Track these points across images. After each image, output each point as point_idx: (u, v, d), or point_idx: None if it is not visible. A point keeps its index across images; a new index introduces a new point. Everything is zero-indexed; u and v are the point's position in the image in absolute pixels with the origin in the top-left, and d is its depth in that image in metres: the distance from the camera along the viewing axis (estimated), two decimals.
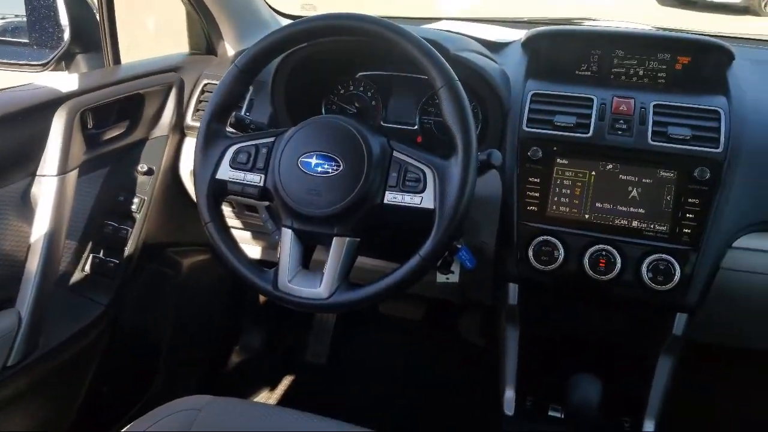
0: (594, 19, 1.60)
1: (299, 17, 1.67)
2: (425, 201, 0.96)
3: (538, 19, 1.64)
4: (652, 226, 1.13)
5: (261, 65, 1.07)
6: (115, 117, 1.34)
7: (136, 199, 1.40)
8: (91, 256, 1.39)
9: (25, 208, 1.18)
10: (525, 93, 1.22)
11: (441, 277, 1.20)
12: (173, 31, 1.59)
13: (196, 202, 1.07)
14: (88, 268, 1.40)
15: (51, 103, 1.18)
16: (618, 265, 1.13)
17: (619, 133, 1.16)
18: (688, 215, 1.12)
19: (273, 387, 1.90)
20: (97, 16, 1.38)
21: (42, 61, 1.36)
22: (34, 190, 1.18)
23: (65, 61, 1.39)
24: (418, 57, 0.97)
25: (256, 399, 1.86)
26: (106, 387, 1.52)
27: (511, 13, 1.69)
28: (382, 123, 1.38)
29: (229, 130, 1.10)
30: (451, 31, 1.38)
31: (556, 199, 1.17)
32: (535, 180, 1.18)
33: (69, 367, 1.35)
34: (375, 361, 2.02)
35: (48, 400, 1.35)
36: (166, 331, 1.65)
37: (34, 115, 1.16)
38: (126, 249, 1.40)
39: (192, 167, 1.10)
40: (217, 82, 1.08)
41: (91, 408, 1.46)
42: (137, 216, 1.41)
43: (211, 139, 1.06)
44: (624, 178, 1.15)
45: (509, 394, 1.27)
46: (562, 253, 1.16)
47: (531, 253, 1.17)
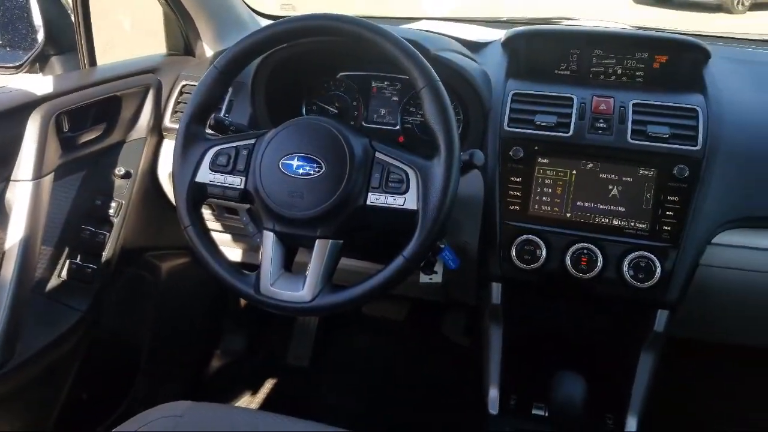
0: (572, 19, 1.61)
1: (278, 17, 1.67)
2: (408, 202, 0.96)
3: (517, 18, 1.65)
4: (633, 224, 1.14)
5: (241, 66, 1.05)
6: (92, 120, 1.32)
7: (113, 203, 1.38)
8: (67, 261, 1.37)
9: None
10: (506, 93, 1.23)
11: (424, 278, 1.20)
12: (150, 32, 1.57)
13: (175, 205, 1.06)
14: (65, 273, 1.37)
15: (25, 107, 1.16)
16: (599, 263, 1.14)
17: (599, 132, 1.16)
18: (667, 213, 1.13)
19: (255, 391, 1.89)
20: (72, 17, 1.36)
21: (15, 63, 1.34)
22: (9, 196, 1.16)
23: (39, 63, 1.37)
24: (400, 57, 0.96)
25: (238, 403, 1.84)
26: (85, 394, 1.50)
27: (492, 13, 1.70)
28: (363, 123, 1.38)
29: (209, 132, 1.09)
30: (432, 31, 1.37)
31: (537, 198, 1.18)
32: (517, 179, 1.18)
33: (47, 374, 1.33)
34: (358, 363, 2.01)
35: (26, 408, 1.33)
36: (146, 336, 1.64)
37: (7, 119, 1.14)
38: (104, 254, 1.38)
39: (171, 170, 1.09)
40: (196, 84, 1.07)
41: (70, 415, 1.44)
42: (115, 220, 1.39)
43: (190, 142, 1.05)
44: (604, 176, 1.16)
45: (493, 394, 1.27)
46: (544, 252, 1.16)
47: (514, 252, 1.17)
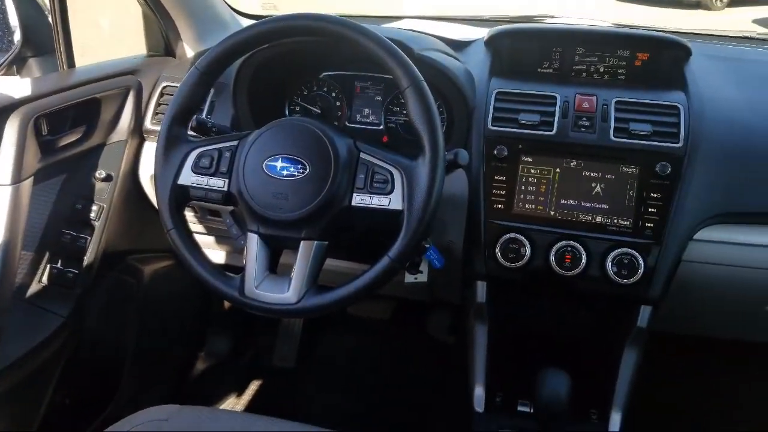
0: (554, 17, 1.61)
1: (260, 16, 1.66)
2: (393, 202, 0.96)
3: (499, 17, 1.65)
4: (616, 221, 1.15)
5: (222, 67, 1.04)
6: (71, 122, 1.31)
7: (94, 207, 1.37)
8: (48, 266, 1.36)
9: None
10: (489, 92, 1.23)
11: (409, 277, 1.20)
12: (130, 33, 1.55)
13: (157, 208, 1.05)
14: (45, 279, 1.36)
15: (2, 110, 1.14)
16: (583, 260, 1.15)
17: (582, 130, 1.17)
18: (650, 210, 1.14)
19: (241, 393, 1.88)
20: (50, 18, 1.34)
21: None
22: None
23: (16, 65, 1.35)
24: (383, 57, 0.96)
25: (223, 406, 1.83)
26: (69, 400, 1.48)
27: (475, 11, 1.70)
28: (347, 123, 1.38)
29: (191, 133, 1.08)
30: (415, 31, 1.37)
31: (522, 196, 1.18)
32: (501, 178, 1.19)
33: (29, 381, 1.32)
34: (344, 363, 2.01)
35: (9, 414, 1.31)
36: (130, 340, 1.62)
37: None
38: (85, 258, 1.36)
39: (152, 172, 1.07)
40: (177, 85, 1.06)
41: (54, 421, 1.43)
42: (96, 224, 1.37)
43: (172, 144, 1.04)
44: (588, 174, 1.16)
45: (479, 391, 1.28)
46: (528, 250, 1.17)
47: (498, 250, 1.18)
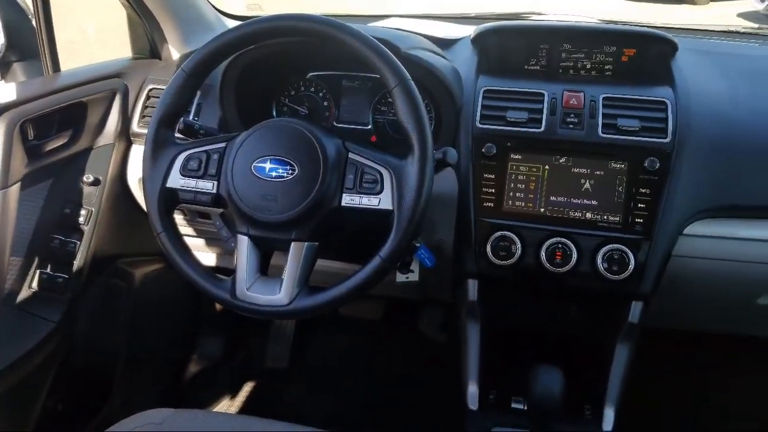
0: (540, 14, 1.61)
1: (245, 17, 1.66)
2: (383, 202, 0.96)
3: (485, 14, 1.65)
4: (606, 217, 1.15)
5: (209, 69, 1.04)
6: (57, 127, 1.30)
7: (83, 211, 1.36)
8: (38, 272, 1.35)
9: None
10: (477, 89, 1.23)
11: (401, 277, 1.20)
12: (115, 35, 1.54)
13: (146, 211, 1.04)
14: (35, 284, 1.35)
15: None
16: (574, 256, 1.15)
17: (571, 126, 1.17)
18: (639, 205, 1.14)
19: (234, 395, 1.87)
20: (33, 22, 1.33)
21: None
22: None
23: (1, 70, 1.33)
24: (370, 57, 0.96)
25: (217, 408, 1.83)
26: (61, 405, 1.47)
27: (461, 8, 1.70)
28: (335, 123, 1.37)
29: (178, 136, 1.07)
30: (401, 29, 1.37)
31: (511, 194, 1.18)
32: (491, 176, 1.19)
33: (21, 387, 1.31)
34: (336, 363, 2.01)
35: (1, 421, 1.30)
36: (122, 344, 1.61)
37: None
38: (75, 263, 1.36)
39: (141, 176, 1.07)
40: (163, 87, 1.05)
41: (46, 427, 1.41)
42: (85, 228, 1.36)
43: (160, 147, 1.03)
44: (577, 171, 1.17)
45: (472, 389, 1.28)
46: (519, 247, 1.17)
47: (489, 248, 1.18)
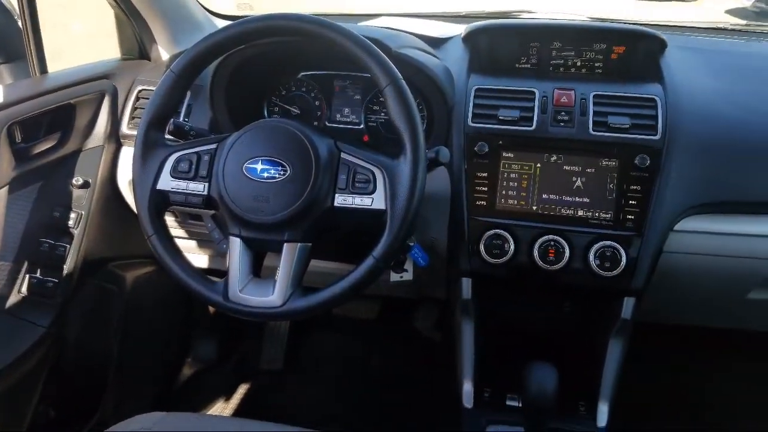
0: (531, 12, 1.61)
1: (234, 17, 1.65)
2: (376, 202, 0.96)
3: (476, 13, 1.65)
4: (597, 215, 1.16)
5: (198, 69, 1.03)
6: (46, 129, 1.29)
7: (72, 214, 1.35)
8: (27, 276, 1.34)
9: None
10: (468, 88, 1.23)
11: (395, 276, 1.20)
12: (103, 36, 1.53)
13: (136, 213, 1.04)
14: (25, 289, 1.34)
15: None
16: (566, 254, 1.15)
17: (562, 124, 1.17)
18: (630, 202, 1.14)
19: (229, 397, 1.87)
20: (19, 23, 1.31)
21: None
22: None
23: None
24: (361, 56, 0.96)
25: (212, 411, 1.82)
26: (53, 411, 1.46)
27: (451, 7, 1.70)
28: (327, 123, 1.37)
29: (168, 137, 1.07)
30: (392, 28, 1.37)
31: (504, 192, 1.18)
32: (483, 175, 1.19)
33: (11, 393, 1.30)
34: (331, 364, 2.00)
35: None
36: (114, 348, 1.60)
37: None
38: (65, 267, 1.34)
39: (131, 178, 1.06)
40: (153, 88, 1.04)
41: None
42: (75, 231, 1.35)
43: (150, 148, 1.03)
44: (568, 168, 1.17)
45: (467, 387, 1.28)
46: (512, 245, 1.17)
47: (482, 247, 1.18)
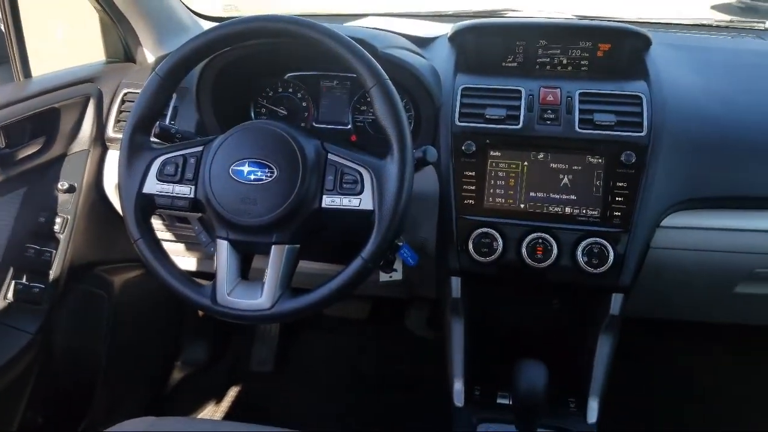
0: (516, 11, 1.62)
1: (220, 19, 1.64)
2: (364, 202, 0.96)
3: (462, 12, 1.65)
4: (585, 212, 1.16)
5: (184, 72, 1.03)
6: (30, 134, 1.28)
7: (58, 219, 1.34)
8: (13, 282, 1.33)
9: None
10: (455, 88, 1.23)
11: (384, 276, 1.20)
12: (87, 39, 1.52)
13: (123, 217, 1.03)
14: (11, 295, 1.33)
15: None
16: (554, 251, 1.16)
17: (548, 122, 1.18)
18: (617, 199, 1.15)
19: (219, 400, 1.86)
20: (2, 26, 1.30)
21: None
22: None
23: None
24: (347, 57, 0.96)
25: (203, 414, 1.81)
26: (41, 418, 1.45)
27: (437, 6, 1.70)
28: (314, 124, 1.36)
29: (154, 140, 1.06)
30: (378, 29, 1.37)
31: (492, 191, 1.19)
32: (471, 173, 1.19)
33: None
34: (323, 364, 2.00)
35: None
36: (102, 353, 1.59)
37: None
38: (51, 272, 1.33)
39: (116, 182, 1.05)
40: (138, 91, 1.04)
41: None
42: (61, 236, 1.34)
43: (136, 152, 1.02)
44: (555, 166, 1.17)
45: (458, 386, 1.28)
46: (500, 243, 1.17)
47: (471, 245, 1.18)
